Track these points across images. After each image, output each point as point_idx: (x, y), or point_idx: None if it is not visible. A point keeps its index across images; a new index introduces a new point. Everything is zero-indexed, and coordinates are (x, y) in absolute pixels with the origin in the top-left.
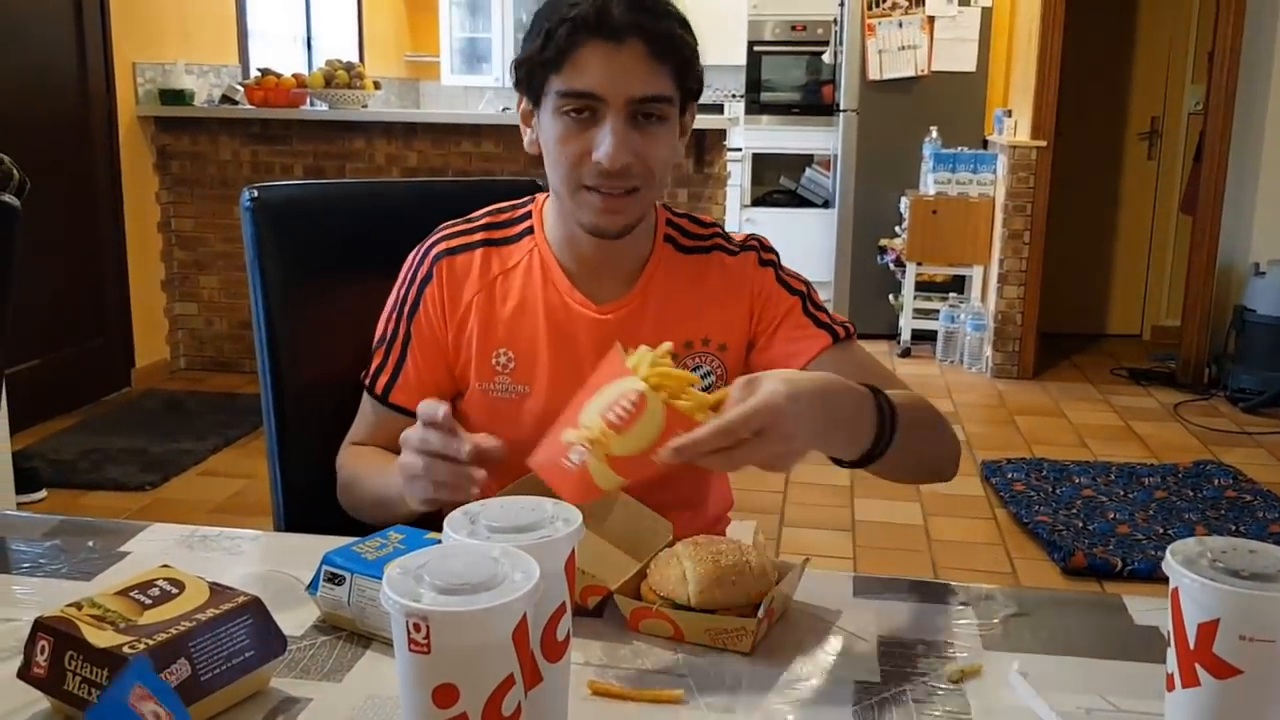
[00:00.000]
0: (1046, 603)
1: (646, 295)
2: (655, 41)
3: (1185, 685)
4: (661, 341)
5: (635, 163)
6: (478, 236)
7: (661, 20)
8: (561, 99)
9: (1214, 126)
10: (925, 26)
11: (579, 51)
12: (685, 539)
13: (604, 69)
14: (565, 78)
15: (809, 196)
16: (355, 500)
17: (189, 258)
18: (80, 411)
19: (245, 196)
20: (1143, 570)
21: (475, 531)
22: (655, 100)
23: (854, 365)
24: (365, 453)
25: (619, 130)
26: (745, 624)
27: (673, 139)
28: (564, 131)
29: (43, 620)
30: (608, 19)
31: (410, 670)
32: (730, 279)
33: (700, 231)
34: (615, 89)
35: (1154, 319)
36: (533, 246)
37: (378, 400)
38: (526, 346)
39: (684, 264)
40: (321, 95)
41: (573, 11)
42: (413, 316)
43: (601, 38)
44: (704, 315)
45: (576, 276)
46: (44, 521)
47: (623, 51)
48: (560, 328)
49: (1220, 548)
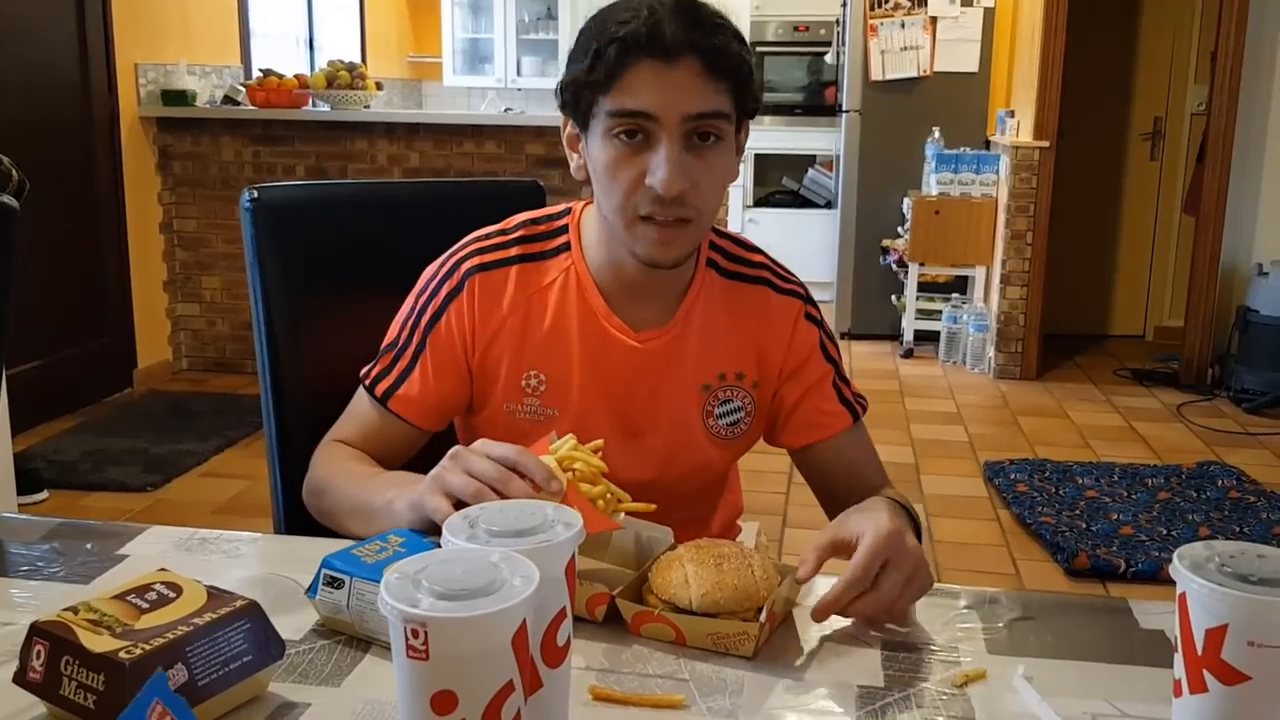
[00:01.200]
0: (1051, 607)
1: (687, 325)
2: (710, 57)
3: (1193, 691)
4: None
5: (691, 190)
6: (513, 251)
7: (717, 36)
8: (612, 119)
9: (1217, 127)
10: (928, 27)
11: (630, 71)
12: (687, 542)
13: (657, 87)
14: (615, 98)
15: (811, 197)
16: (326, 504)
17: (191, 258)
18: (82, 412)
19: (245, 197)
20: (1146, 571)
21: (475, 536)
22: (712, 117)
23: (863, 448)
24: (347, 456)
25: (674, 155)
26: (748, 629)
27: (730, 161)
28: (615, 156)
29: (39, 625)
30: (660, 36)
31: (409, 677)
32: (774, 319)
33: (747, 257)
34: (669, 108)
35: (1157, 319)
36: (569, 264)
37: (376, 401)
38: (559, 370)
39: (726, 291)
40: (323, 96)
41: (622, 30)
42: (431, 328)
43: (654, 56)
44: (741, 349)
45: (614, 299)
46: (42, 524)
47: (676, 69)
48: (595, 352)
49: (1228, 552)
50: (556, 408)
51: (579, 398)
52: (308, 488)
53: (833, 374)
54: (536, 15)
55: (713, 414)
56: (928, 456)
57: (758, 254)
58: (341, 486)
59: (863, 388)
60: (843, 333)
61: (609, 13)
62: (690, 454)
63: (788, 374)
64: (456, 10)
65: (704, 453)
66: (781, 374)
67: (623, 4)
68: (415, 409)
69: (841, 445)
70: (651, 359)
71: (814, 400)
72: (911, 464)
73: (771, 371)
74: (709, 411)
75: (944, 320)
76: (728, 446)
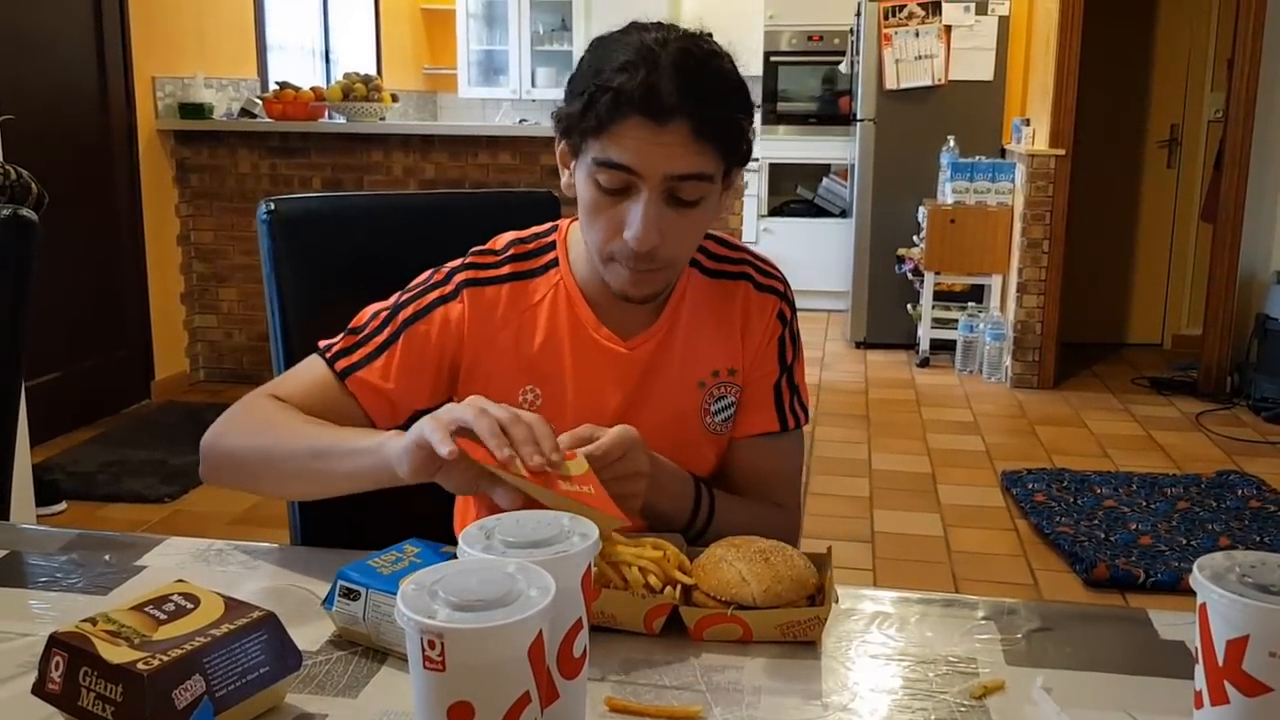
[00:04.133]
0: (1070, 617)
1: (673, 326)
2: (702, 123)
3: (1214, 703)
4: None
5: (663, 246)
6: (505, 270)
7: (711, 99)
8: (596, 166)
9: (1234, 134)
10: (942, 36)
11: (619, 124)
12: (720, 541)
13: (643, 146)
14: (603, 146)
15: (826, 206)
16: (255, 444)
17: (208, 270)
18: (100, 424)
19: (262, 209)
20: (1166, 582)
21: (490, 547)
22: (695, 178)
23: (777, 458)
24: (294, 410)
25: (651, 212)
26: (818, 613)
27: (708, 217)
28: (596, 199)
29: (57, 635)
30: (654, 96)
31: (425, 688)
32: (751, 314)
33: (728, 254)
34: (653, 167)
35: (1175, 328)
36: (558, 279)
37: (334, 374)
38: (553, 383)
39: (709, 290)
40: (339, 108)
41: (618, 80)
42: (410, 324)
43: (645, 115)
44: (728, 345)
45: (602, 310)
46: (61, 535)
47: (666, 132)
48: (587, 364)
49: (1249, 562)
50: (553, 420)
51: (574, 410)
52: (218, 429)
53: (778, 377)
54: (551, 27)
55: (709, 410)
56: (944, 466)
57: (738, 250)
58: (289, 430)
59: (878, 397)
60: (858, 342)
61: (612, 51)
62: (690, 452)
63: (751, 367)
64: (471, 22)
65: (701, 449)
66: (750, 366)
67: (627, 44)
68: (371, 394)
69: (754, 447)
70: (643, 362)
71: (748, 398)
72: (928, 474)
73: (751, 362)
74: (706, 409)
75: (960, 329)
76: (719, 441)
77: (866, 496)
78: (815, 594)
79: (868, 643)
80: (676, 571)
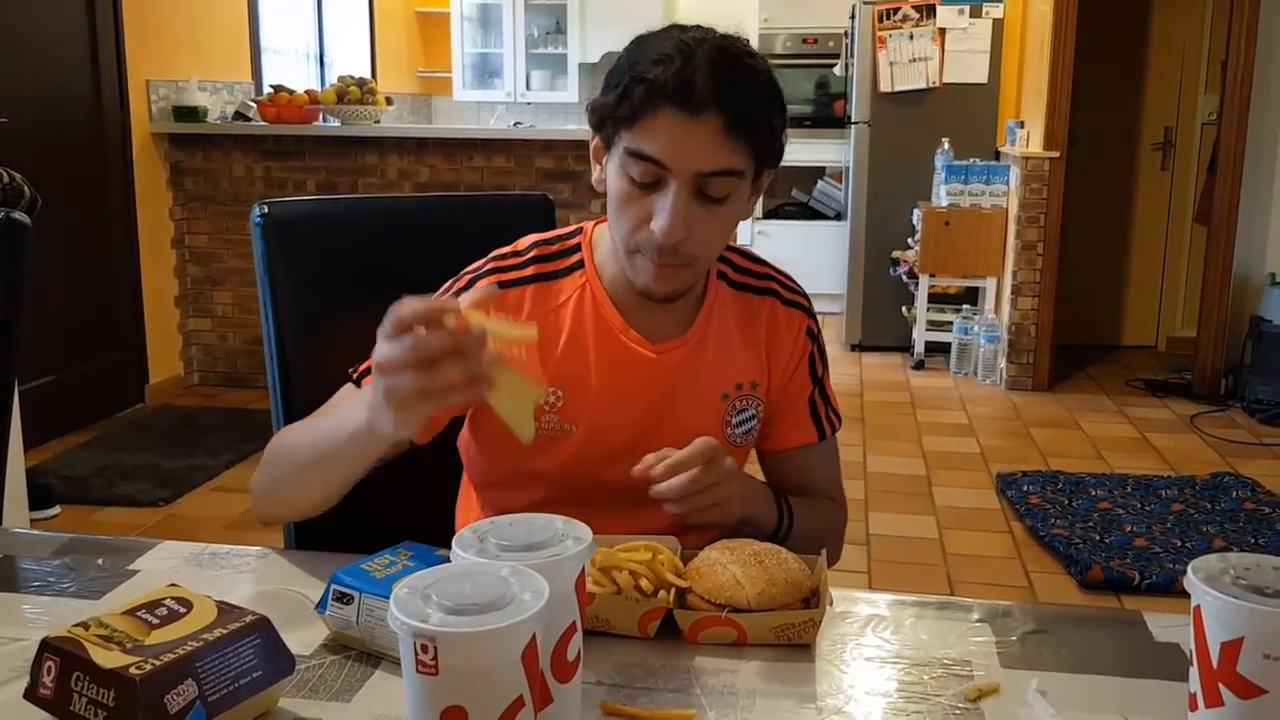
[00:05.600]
0: (1065, 620)
1: (704, 336)
2: (734, 117)
3: (1208, 705)
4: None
5: (689, 240)
6: (529, 271)
7: (745, 95)
8: (628, 157)
9: (1228, 136)
10: (936, 38)
11: (652, 116)
12: (714, 544)
13: (675, 138)
14: (635, 136)
15: (821, 209)
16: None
17: (202, 274)
18: (94, 428)
19: (255, 212)
20: (1161, 583)
21: (484, 550)
22: (725, 174)
23: (820, 461)
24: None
25: (679, 205)
26: (812, 615)
27: (736, 215)
28: (626, 191)
29: (50, 640)
30: (688, 89)
31: (418, 692)
32: (779, 329)
33: (753, 268)
34: (683, 161)
35: (1169, 330)
36: (584, 281)
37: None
38: (576, 386)
39: (736, 302)
40: (334, 111)
41: (653, 72)
42: None
43: (678, 107)
44: (753, 359)
45: (630, 313)
46: (54, 539)
47: (698, 124)
48: (612, 367)
49: (1244, 564)
50: (574, 423)
51: (596, 412)
52: (260, 471)
53: (811, 390)
54: (545, 30)
55: (730, 423)
56: (939, 468)
57: (763, 265)
58: (298, 442)
59: (873, 400)
60: (853, 344)
61: (649, 45)
62: None
63: (781, 385)
64: (466, 25)
65: None
66: (779, 383)
67: (664, 38)
68: None
69: (798, 457)
70: (670, 370)
71: (786, 413)
72: (923, 476)
73: (775, 380)
74: (728, 421)
75: (955, 331)
76: (739, 454)
77: (861, 499)
78: (810, 597)
79: (862, 645)
80: (670, 574)
